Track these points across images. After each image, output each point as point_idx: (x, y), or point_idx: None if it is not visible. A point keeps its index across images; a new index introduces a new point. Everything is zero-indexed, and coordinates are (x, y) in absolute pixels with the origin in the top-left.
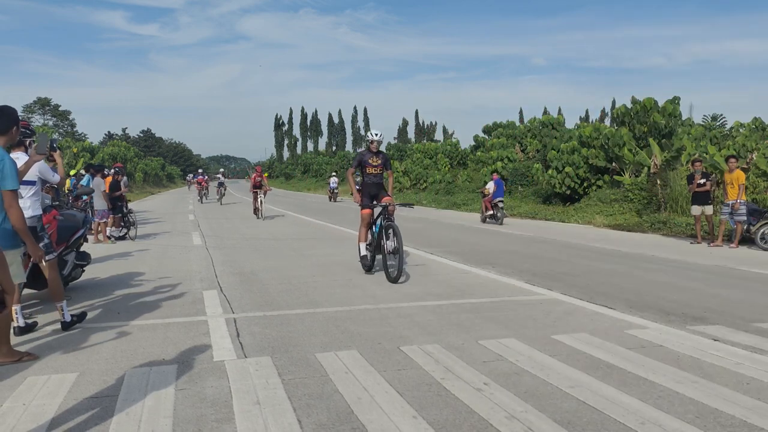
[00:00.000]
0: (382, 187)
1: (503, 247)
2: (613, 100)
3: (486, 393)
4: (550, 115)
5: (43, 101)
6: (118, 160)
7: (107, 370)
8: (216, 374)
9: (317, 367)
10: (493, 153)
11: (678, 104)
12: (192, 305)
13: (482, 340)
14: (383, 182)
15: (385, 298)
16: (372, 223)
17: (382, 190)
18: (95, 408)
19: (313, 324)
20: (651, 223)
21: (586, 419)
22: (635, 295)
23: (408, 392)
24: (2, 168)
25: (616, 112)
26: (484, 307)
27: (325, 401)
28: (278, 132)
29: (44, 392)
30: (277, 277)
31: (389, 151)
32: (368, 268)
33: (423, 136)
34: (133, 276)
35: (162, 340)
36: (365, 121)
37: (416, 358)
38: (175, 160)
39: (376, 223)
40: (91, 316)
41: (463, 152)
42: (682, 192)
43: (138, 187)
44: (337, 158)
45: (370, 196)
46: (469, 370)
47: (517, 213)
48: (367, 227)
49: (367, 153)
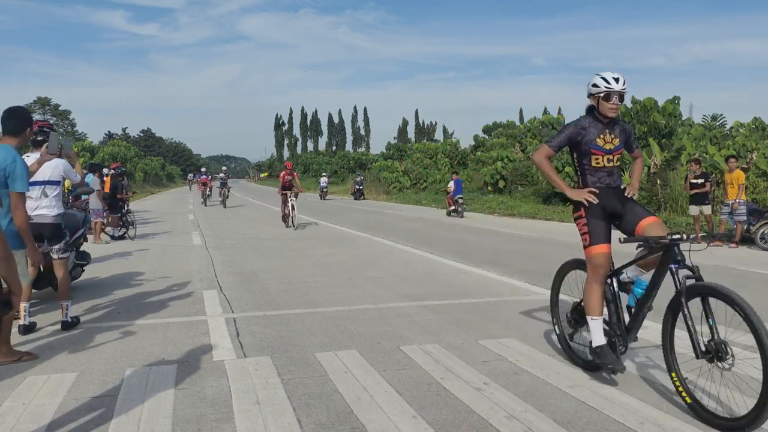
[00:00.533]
0: (622, 191)
1: (503, 247)
2: None
3: (486, 393)
4: (551, 114)
5: (43, 101)
6: (118, 160)
7: (107, 369)
8: (216, 374)
9: (317, 367)
10: (493, 153)
11: (678, 104)
12: (192, 305)
13: (482, 340)
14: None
15: (385, 298)
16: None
17: (629, 202)
18: (95, 408)
19: (312, 324)
20: None
21: (586, 419)
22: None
23: (408, 392)
24: (14, 170)
25: None
26: (483, 307)
27: (324, 401)
28: (278, 132)
29: (44, 392)
30: (277, 277)
31: (389, 151)
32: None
33: (423, 135)
34: (133, 276)
35: (162, 339)
36: (365, 121)
37: (416, 357)
38: (175, 159)
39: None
40: (91, 316)
41: (463, 152)
42: (682, 192)
43: (138, 187)
44: (337, 158)
45: (606, 213)
46: (468, 369)
47: (517, 213)
48: (603, 282)
49: (591, 122)
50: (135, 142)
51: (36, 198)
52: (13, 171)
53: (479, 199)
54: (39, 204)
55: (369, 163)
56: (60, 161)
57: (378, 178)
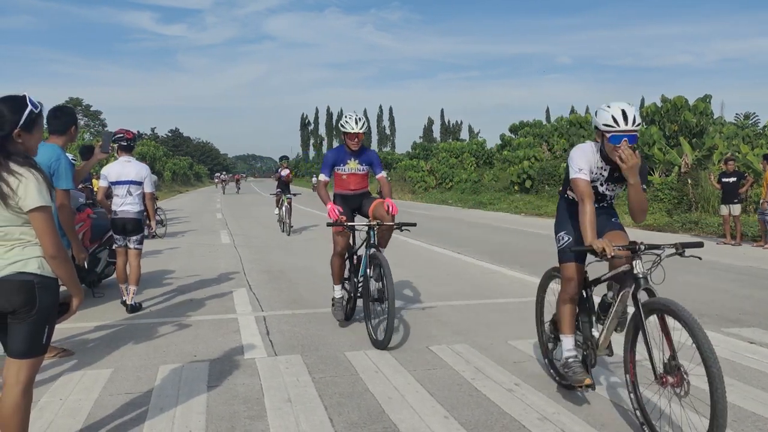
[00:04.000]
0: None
1: (532, 247)
2: (642, 98)
3: (517, 394)
4: (578, 113)
5: (75, 101)
6: (147, 159)
7: (141, 366)
8: (247, 372)
9: (347, 366)
10: (519, 152)
11: (709, 102)
12: (222, 303)
13: (512, 341)
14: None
15: (412, 297)
16: (350, 252)
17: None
18: (130, 404)
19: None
20: (682, 224)
21: (619, 422)
22: (666, 296)
23: (439, 392)
24: (58, 167)
25: (646, 111)
26: (512, 307)
27: (356, 400)
28: (304, 131)
29: (80, 387)
30: (305, 276)
31: (415, 151)
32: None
33: (449, 135)
34: (164, 274)
35: (193, 337)
36: (390, 120)
37: (446, 357)
38: (202, 159)
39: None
40: (124, 314)
41: (489, 151)
42: (713, 191)
43: (166, 186)
44: None
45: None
46: (499, 370)
47: (545, 213)
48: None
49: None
50: (163, 142)
51: (122, 195)
52: (58, 168)
53: (506, 199)
54: (124, 201)
55: (394, 162)
56: (145, 167)
57: (403, 177)
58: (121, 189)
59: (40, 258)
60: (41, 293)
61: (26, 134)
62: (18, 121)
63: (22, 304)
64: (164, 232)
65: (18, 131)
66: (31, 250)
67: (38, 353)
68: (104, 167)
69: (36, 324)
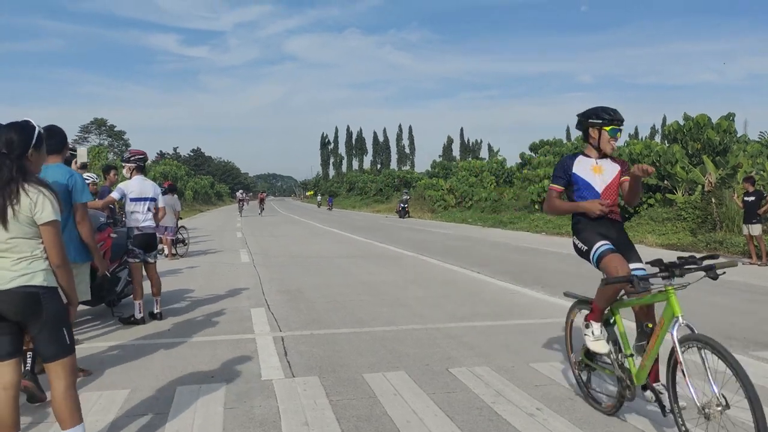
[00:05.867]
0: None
1: (552, 267)
2: (664, 116)
3: (539, 418)
4: None
5: (100, 122)
6: (169, 179)
7: (158, 387)
8: (264, 393)
9: (365, 388)
10: (539, 171)
11: (733, 120)
12: (240, 323)
13: (533, 363)
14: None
15: (432, 318)
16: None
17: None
18: (147, 426)
19: (360, 344)
20: (706, 243)
21: None
22: (692, 317)
23: (458, 416)
24: (75, 183)
25: (668, 129)
26: (533, 329)
27: (373, 423)
28: (324, 150)
29: (97, 408)
30: (324, 296)
31: (434, 169)
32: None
33: (468, 153)
34: (183, 293)
35: (211, 357)
36: (410, 139)
37: (465, 380)
38: (223, 178)
39: None
40: (141, 333)
41: (509, 170)
42: (738, 211)
43: (188, 205)
44: (381, 176)
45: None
46: (520, 394)
47: (565, 232)
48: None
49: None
50: (185, 161)
51: (143, 212)
52: (75, 184)
53: (526, 218)
54: (146, 217)
55: (414, 181)
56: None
57: (423, 196)
58: (143, 205)
59: (44, 271)
60: (46, 302)
61: (36, 154)
62: (29, 143)
63: (30, 313)
64: (185, 250)
65: (31, 152)
66: (37, 264)
67: (67, 353)
68: (123, 183)
69: (52, 328)
